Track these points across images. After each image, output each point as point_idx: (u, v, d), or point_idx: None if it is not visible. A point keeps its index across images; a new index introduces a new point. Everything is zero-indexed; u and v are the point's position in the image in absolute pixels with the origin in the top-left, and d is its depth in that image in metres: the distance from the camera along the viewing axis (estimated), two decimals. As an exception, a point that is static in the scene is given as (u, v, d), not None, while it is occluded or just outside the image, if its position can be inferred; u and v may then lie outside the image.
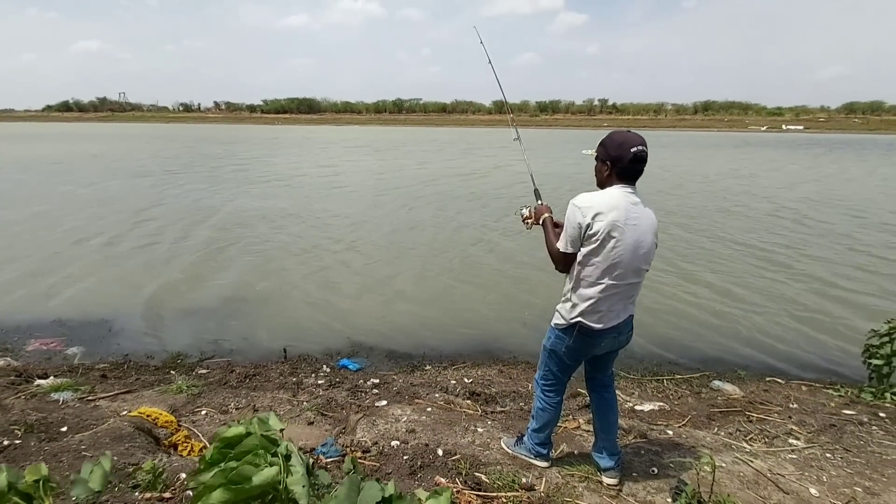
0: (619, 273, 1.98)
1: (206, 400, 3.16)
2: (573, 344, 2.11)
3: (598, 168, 2.07)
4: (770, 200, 13.03)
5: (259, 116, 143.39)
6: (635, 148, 1.95)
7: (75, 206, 10.85)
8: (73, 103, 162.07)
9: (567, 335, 2.11)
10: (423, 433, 2.74)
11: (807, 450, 2.78)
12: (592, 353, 2.17)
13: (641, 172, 2.01)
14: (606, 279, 1.98)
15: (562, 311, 2.13)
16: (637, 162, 1.96)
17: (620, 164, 1.97)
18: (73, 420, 2.65)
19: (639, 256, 2.00)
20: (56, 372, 3.75)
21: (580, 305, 2.03)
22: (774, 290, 6.15)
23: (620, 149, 1.96)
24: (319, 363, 4.23)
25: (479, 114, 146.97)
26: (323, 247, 7.96)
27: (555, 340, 2.18)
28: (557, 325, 2.15)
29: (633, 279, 2.04)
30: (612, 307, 2.03)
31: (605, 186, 2.04)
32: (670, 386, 3.88)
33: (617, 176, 2.00)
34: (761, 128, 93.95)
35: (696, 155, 30.61)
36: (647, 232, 2.01)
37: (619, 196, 1.97)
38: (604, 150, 2.03)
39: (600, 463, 2.34)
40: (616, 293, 2.01)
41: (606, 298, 2.01)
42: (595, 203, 1.95)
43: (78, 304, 5.42)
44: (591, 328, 2.04)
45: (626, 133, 2.02)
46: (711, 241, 8.52)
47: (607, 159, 2.01)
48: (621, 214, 1.94)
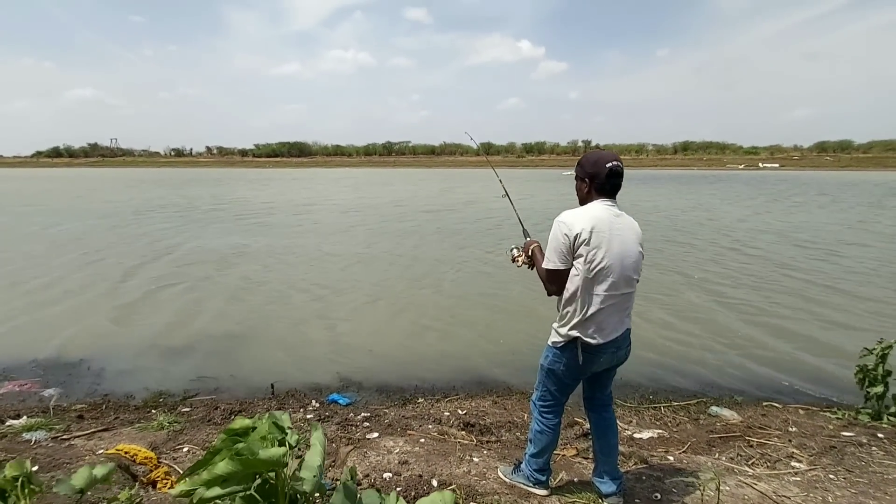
0: (610, 283, 1.99)
1: (188, 437, 3.01)
2: (571, 361, 2.08)
3: (578, 186, 2.16)
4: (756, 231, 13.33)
5: (250, 160, 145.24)
6: (610, 163, 2.03)
7: (49, 247, 10.69)
8: (64, 149, 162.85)
9: (565, 353, 2.09)
10: (417, 464, 2.63)
11: (810, 472, 2.72)
12: (591, 369, 2.13)
13: (619, 186, 2.08)
14: (599, 291, 1.99)
15: (558, 329, 2.11)
16: (613, 176, 2.04)
17: (598, 180, 2.05)
18: (45, 459, 2.50)
19: (627, 265, 2.03)
20: (30, 412, 3.57)
21: (576, 321, 2.02)
22: (763, 315, 6.18)
23: (596, 166, 2.05)
24: (308, 398, 4.09)
25: (466, 155, 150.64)
26: (308, 283, 7.88)
27: (552, 359, 2.15)
28: (555, 344, 2.12)
29: (625, 289, 2.05)
30: (607, 320, 2.03)
31: (585, 202, 2.12)
32: (668, 413, 3.81)
33: (596, 191, 2.07)
34: (739, 166, 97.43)
35: (671, 190, 31.51)
36: (631, 241, 2.05)
37: (600, 209, 2.03)
38: (581, 168, 2.12)
39: (602, 488, 2.25)
40: (610, 305, 2.02)
41: (601, 311, 2.01)
42: (578, 217, 2.01)
43: (55, 346, 5.23)
44: (589, 343, 2.02)
45: (600, 151, 2.14)
46: (706, 269, 8.62)
47: (585, 177, 2.10)
48: (605, 225, 1.99)
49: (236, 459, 0.83)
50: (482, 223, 15.18)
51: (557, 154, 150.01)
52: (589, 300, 1.99)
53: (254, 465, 0.84)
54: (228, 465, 0.84)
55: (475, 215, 16.72)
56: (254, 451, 0.86)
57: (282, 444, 0.96)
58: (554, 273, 2.05)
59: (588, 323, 2.01)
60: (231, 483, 0.92)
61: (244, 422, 1.05)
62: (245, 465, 0.83)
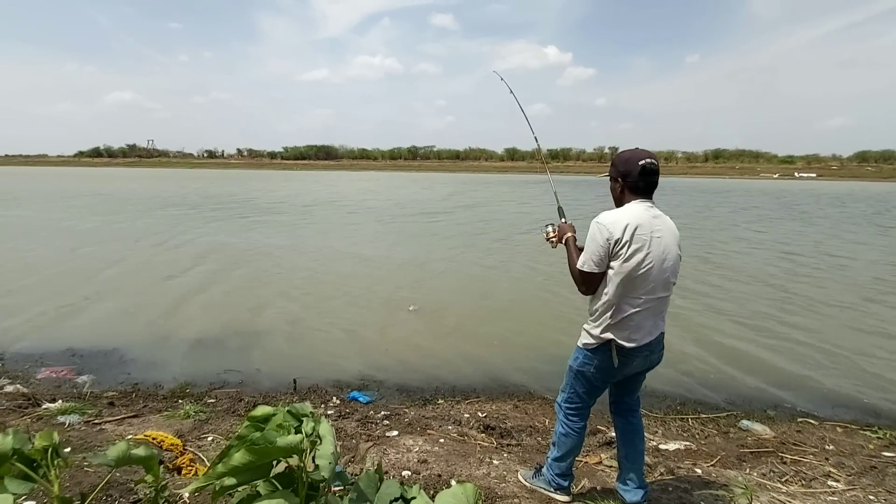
0: (649, 287, 1.94)
1: (213, 426, 3.07)
2: (603, 364, 2.02)
3: (612, 187, 2.10)
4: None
5: (279, 162, 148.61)
6: (643, 161, 1.97)
7: (88, 239, 11.14)
8: (104, 149, 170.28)
9: (596, 355, 2.03)
10: (436, 464, 2.61)
11: (848, 492, 2.58)
12: (624, 373, 2.06)
13: (655, 185, 2.01)
14: (636, 294, 1.93)
15: (590, 331, 2.04)
16: (647, 174, 1.97)
17: (631, 179, 1.99)
18: (78, 441, 2.59)
19: (666, 268, 1.97)
20: (65, 397, 3.71)
21: (611, 323, 1.96)
22: (801, 327, 5.93)
23: (628, 164, 2.00)
24: (329, 395, 4.12)
25: (491, 160, 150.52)
26: (332, 281, 7.98)
27: (583, 361, 2.08)
28: (586, 346, 2.06)
29: (661, 293, 1.99)
30: (642, 323, 1.97)
31: (620, 203, 2.05)
32: (695, 425, 3.68)
33: (630, 191, 2.01)
34: (773, 175, 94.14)
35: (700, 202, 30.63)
36: (671, 243, 1.99)
37: (638, 210, 1.96)
38: (614, 168, 2.07)
39: (626, 497, 2.18)
40: (647, 308, 1.96)
41: (637, 314, 1.95)
42: (618, 219, 1.93)
43: (89, 335, 5.43)
44: (623, 346, 1.96)
45: (633, 149, 2.05)
46: (737, 279, 8.34)
47: (618, 176, 2.04)
48: (645, 227, 1.92)
49: (252, 449, 0.83)
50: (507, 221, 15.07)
51: (583, 160, 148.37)
52: (625, 303, 1.93)
53: (270, 452, 0.84)
54: (244, 455, 0.84)
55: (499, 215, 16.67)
56: (270, 439, 0.86)
57: (298, 432, 0.96)
58: (589, 276, 1.98)
59: (623, 325, 1.95)
60: (248, 474, 0.92)
61: (266, 409, 1.06)
62: (261, 455, 0.83)
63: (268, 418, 1.03)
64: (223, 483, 0.91)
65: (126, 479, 1.90)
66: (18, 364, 4.65)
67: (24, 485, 0.78)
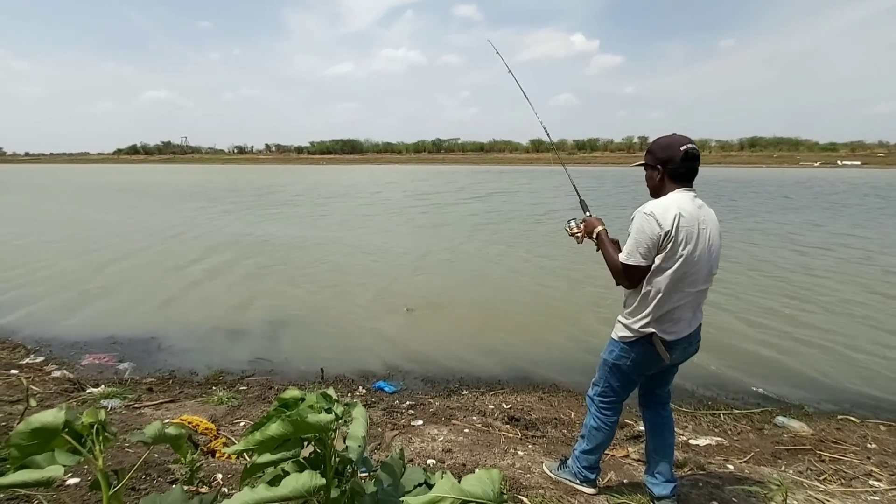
0: (692, 280, 1.87)
1: (244, 412, 3.18)
2: (641, 357, 1.97)
3: (649, 175, 1.99)
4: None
5: (305, 157, 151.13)
6: (685, 146, 1.87)
7: (124, 231, 11.61)
8: (141, 147, 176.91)
9: (633, 348, 1.97)
10: (461, 453, 2.63)
11: (891, 492, 2.47)
12: (660, 366, 2.01)
13: (696, 172, 1.92)
14: (679, 287, 1.86)
15: (628, 323, 1.98)
16: (689, 160, 1.88)
17: (672, 165, 1.89)
18: (119, 424, 2.72)
19: (710, 261, 1.90)
20: (107, 383, 3.90)
21: (651, 316, 1.90)
22: (841, 322, 5.67)
23: (669, 149, 1.90)
24: (355, 384, 4.20)
25: (516, 152, 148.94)
26: (359, 274, 8.08)
27: (619, 354, 2.03)
28: (623, 338, 2.00)
29: (703, 285, 1.93)
30: (683, 316, 1.91)
31: (659, 192, 1.95)
32: (728, 420, 3.58)
33: (671, 178, 1.91)
34: (814, 164, 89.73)
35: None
36: (715, 234, 1.91)
37: (684, 199, 1.87)
38: (651, 155, 1.96)
39: (654, 490, 2.14)
40: (688, 301, 1.90)
41: (679, 308, 1.89)
42: (667, 209, 1.83)
43: (129, 324, 5.68)
44: (663, 339, 1.90)
45: (671, 135, 1.95)
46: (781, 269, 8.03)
47: (657, 163, 1.93)
48: (693, 218, 1.84)
49: (287, 421, 0.86)
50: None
51: (611, 151, 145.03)
52: (668, 296, 1.86)
53: (303, 427, 0.87)
54: (280, 426, 0.88)
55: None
56: (303, 415, 0.89)
57: (329, 413, 0.99)
58: (634, 269, 1.88)
59: (663, 318, 1.89)
60: (282, 448, 0.95)
61: (294, 392, 1.09)
62: (295, 427, 0.86)
63: (296, 401, 1.06)
64: (256, 461, 0.94)
65: (164, 460, 1.99)
66: (64, 351, 4.91)
67: (72, 458, 0.83)
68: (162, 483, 1.78)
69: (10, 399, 3.07)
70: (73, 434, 0.80)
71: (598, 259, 2.11)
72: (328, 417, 0.89)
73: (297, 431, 0.88)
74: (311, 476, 0.84)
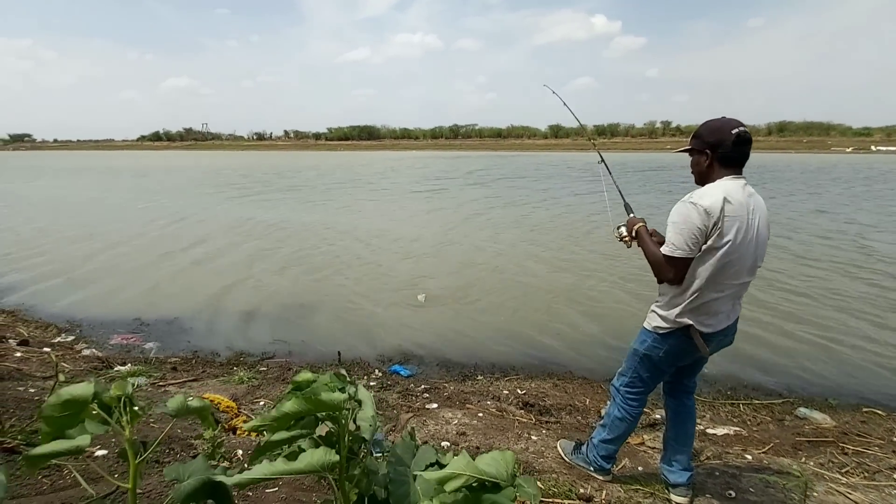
0: (735, 271, 1.80)
1: (264, 392, 3.26)
2: (674, 349, 1.92)
3: (696, 161, 1.89)
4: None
5: (323, 143, 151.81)
6: (737, 129, 1.77)
7: (148, 219, 11.90)
8: (163, 133, 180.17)
9: (668, 340, 1.92)
10: (475, 436, 2.65)
11: (918, 487, 2.40)
12: (693, 357, 1.97)
13: (747, 157, 1.82)
14: (721, 278, 1.79)
15: (663, 313, 1.91)
16: (741, 144, 1.77)
17: (722, 149, 1.79)
18: (145, 401, 2.81)
19: (757, 253, 1.83)
20: (133, 362, 4.04)
21: (689, 307, 1.83)
22: (868, 312, 5.49)
23: (720, 133, 1.79)
24: (371, 367, 4.26)
25: (534, 138, 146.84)
26: (376, 260, 8.14)
27: (651, 345, 1.97)
28: (657, 329, 1.94)
29: (747, 278, 1.86)
30: (722, 308, 1.85)
31: (706, 179, 1.85)
32: (747, 411, 3.53)
33: (720, 164, 1.81)
34: (847, 149, 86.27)
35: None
36: (763, 224, 1.83)
37: (734, 188, 1.77)
38: (699, 140, 1.86)
39: (670, 478, 2.12)
40: (729, 294, 1.83)
41: (719, 300, 1.82)
42: (714, 197, 1.74)
43: (156, 306, 5.86)
44: (701, 332, 1.84)
45: (721, 118, 1.86)
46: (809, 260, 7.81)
47: (706, 148, 1.83)
48: (742, 207, 1.75)
49: (301, 399, 0.88)
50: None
51: (632, 136, 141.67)
52: (708, 287, 1.79)
53: (317, 405, 0.89)
54: (294, 404, 0.90)
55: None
56: (317, 393, 0.91)
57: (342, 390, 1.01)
58: (680, 261, 1.79)
59: (702, 310, 1.83)
60: (296, 427, 0.97)
61: (307, 375, 1.12)
62: (309, 405, 0.88)
63: (310, 383, 1.08)
64: (271, 438, 0.97)
65: (186, 436, 2.06)
66: (94, 330, 5.10)
67: (101, 427, 0.86)
68: (185, 457, 1.85)
69: (44, 375, 3.21)
70: (102, 406, 0.83)
71: (620, 251, 2.08)
72: (341, 396, 0.91)
73: (310, 409, 0.90)
74: (325, 452, 0.86)
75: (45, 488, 1.66)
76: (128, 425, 0.88)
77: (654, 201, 15.19)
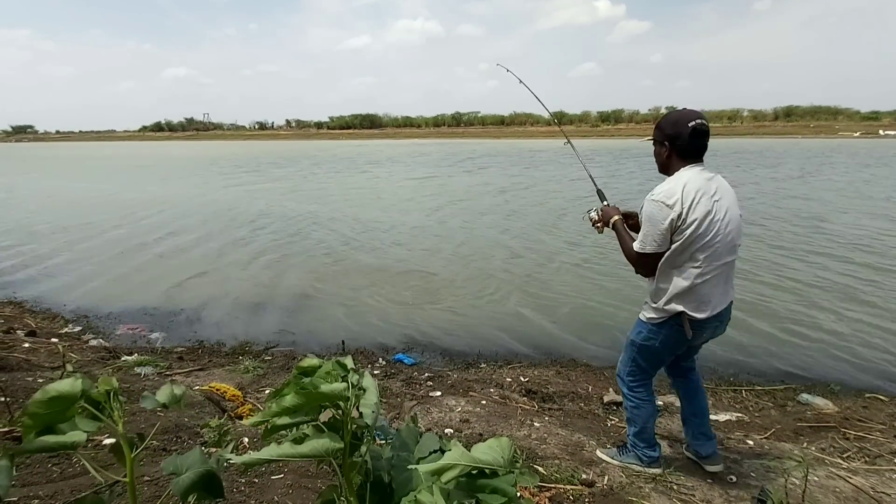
0: (713, 253, 1.85)
1: (269, 381, 3.29)
2: (669, 338, 1.98)
3: (657, 152, 1.99)
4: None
5: (325, 132, 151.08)
6: (693, 122, 1.85)
7: (152, 210, 11.93)
8: (165, 124, 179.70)
9: (662, 329, 1.98)
10: (478, 423, 2.68)
11: (919, 471, 2.41)
12: (692, 343, 2.01)
13: (706, 148, 1.90)
14: (700, 263, 1.85)
15: (655, 304, 1.97)
16: (697, 136, 1.85)
17: (680, 142, 1.88)
18: (152, 390, 2.85)
19: (730, 231, 1.88)
20: (140, 352, 4.09)
21: (679, 295, 1.89)
22: (871, 298, 5.47)
23: (677, 126, 1.88)
24: (375, 356, 4.29)
25: (537, 125, 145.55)
26: (380, 250, 8.15)
27: (647, 335, 2.03)
28: (651, 320, 2.00)
29: (727, 258, 1.90)
30: (712, 292, 1.90)
31: (668, 169, 1.95)
32: (749, 397, 3.54)
33: (678, 155, 1.91)
34: (854, 133, 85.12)
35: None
36: (731, 204, 1.90)
37: (692, 175, 1.86)
38: (659, 131, 1.95)
39: (700, 451, 2.22)
40: (715, 276, 1.88)
41: (705, 283, 1.87)
42: (674, 192, 1.83)
43: (161, 297, 5.91)
44: (693, 318, 1.89)
45: (680, 110, 1.93)
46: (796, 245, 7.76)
47: (665, 140, 1.93)
48: (702, 193, 1.82)
49: (301, 393, 0.88)
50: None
51: (636, 123, 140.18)
52: (691, 273, 1.86)
53: (317, 397, 0.89)
54: (294, 398, 0.90)
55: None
56: (316, 385, 0.91)
57: (344, 381, 1.01)
58: (648, 257, 1.90)
59: (691, 296, 1.88)
60: (298, 416, 0.98)
61: (312, 361, 1.12)
62: (309, 398, 0.88)
63: (315, 369, 1.08)
64: (275, 423, 0.98)
65: (193, 424, 2.09)
66: (101, 321, 5.15)
67: (92, 423, 0.86)
68: (192, 445, 1.88)
69: (52, 365, 3.25)
70: (92, 402, 0.83)
71: (611, 243, 2.10)
72: (341, 386, 0.91)
73: (311, 402, 0.90)
74: (330, 438, 0.87)
75: (55, 476, 1.69)
76: (119, 420, 0.89)
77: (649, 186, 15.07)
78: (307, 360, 1.15)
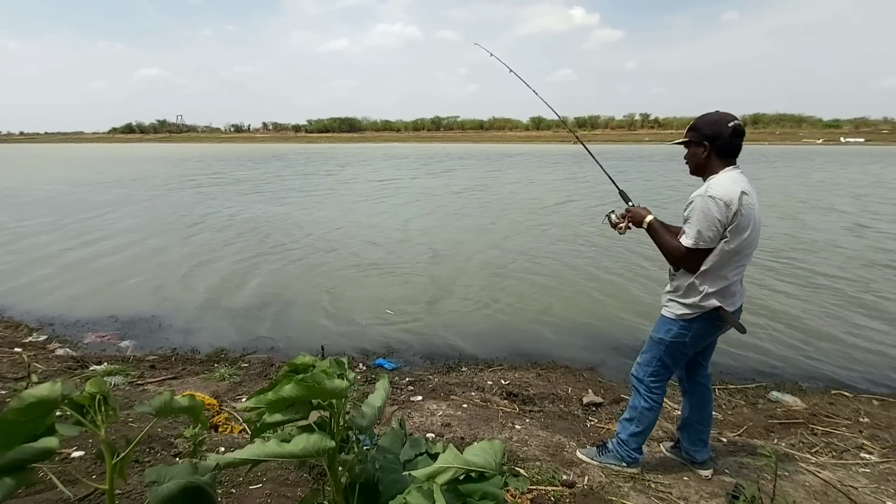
0: (747, 254, 1.98)
1: (246, 388, 3.22)
2: (701, 332, 2.05)
3: (694, 152, 2.02)
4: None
5: (303, 136, 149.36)
6: (732, 122, 1.93)
7: (118, 215, 11.57)
8: (136, 126, 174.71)
9: (694, 324, 2.03)
10: (459, 427, 2.67)
11: (882, 464, 2.52)
12: (716, 335, 2.13)
13: (741, 148, 1.98)
14: (737, 261, 1.96)
15: (687, 301, 2.01)
16: (736, 136, 1.94)
17: (720, 142, 1.94)
18: (122, 400, 2.75)
19: (758, 234, 2.00)
20: (110, 360, 3.94)
21: (718, 292, 1.97)
22: (837, 296, 5.70)
23: (717, 126, 1.94)
24: (356, 361, 4.24)
25: (515, 130, 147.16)
26: (359, 252, 8.09)
27: (678, 332, 2.06)
28: (683, 316, 2.03)
29: (751, 257, 2.04)
30: (737, 289, 2.03)
31: (706, 170, 2.00)
32: (722, 395, 3.64)
33: (717, 155, 1.96)
34: (817, 141, 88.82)
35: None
36: (758, 208, 2.00)
37: (739, 178, 1.94)
38: (696, 132, 2.00)
39: (696, 457, 2.28)
40: (740, 275, 2.01)
41: (736, 282, 2.00)
42: (729, 190, 1.89)
43: (130, 303, 5.71)
44: (727, 312, 1.99)
45: (717, 112, 2.01)
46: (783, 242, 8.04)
47: (704, 140, 1.97)
48: (752, 196, 1.93)
49: (301, 384, 0.87)
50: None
51: (612, 128, 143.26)
52: (729, 271, 1.97)
53: (318, 392, 0.88)
54: (294, 388, 0.89)
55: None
56: (318, 380, 0.90)
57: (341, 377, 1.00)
58: (700, 252, 1.92)
59: (725, 292, 1.98)
60: (292, 410, 0.96)
61: (306, 358, 1.10)
62: (309, 391, 0.87)
63: (308, 367, 1.07)
64: (266, 420, 0.96)
65: (167, 434, 2.03)
66: (67, 329, 4.95)
67: (74, 428, 0.83)
68: (166, 456, 1.82)
69: (15, 376, 3.11)
70: (74, 406, 0.80)
71: (610, 235, 2.12)
72: (343, 384, 0.90)
73: (310, 395, 0.89)
74: (321, 438, 0.86)
75: (20, 491, 1.61)
76: (103, 425, 0.85)
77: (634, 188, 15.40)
78: (300, 358, 1.13)
